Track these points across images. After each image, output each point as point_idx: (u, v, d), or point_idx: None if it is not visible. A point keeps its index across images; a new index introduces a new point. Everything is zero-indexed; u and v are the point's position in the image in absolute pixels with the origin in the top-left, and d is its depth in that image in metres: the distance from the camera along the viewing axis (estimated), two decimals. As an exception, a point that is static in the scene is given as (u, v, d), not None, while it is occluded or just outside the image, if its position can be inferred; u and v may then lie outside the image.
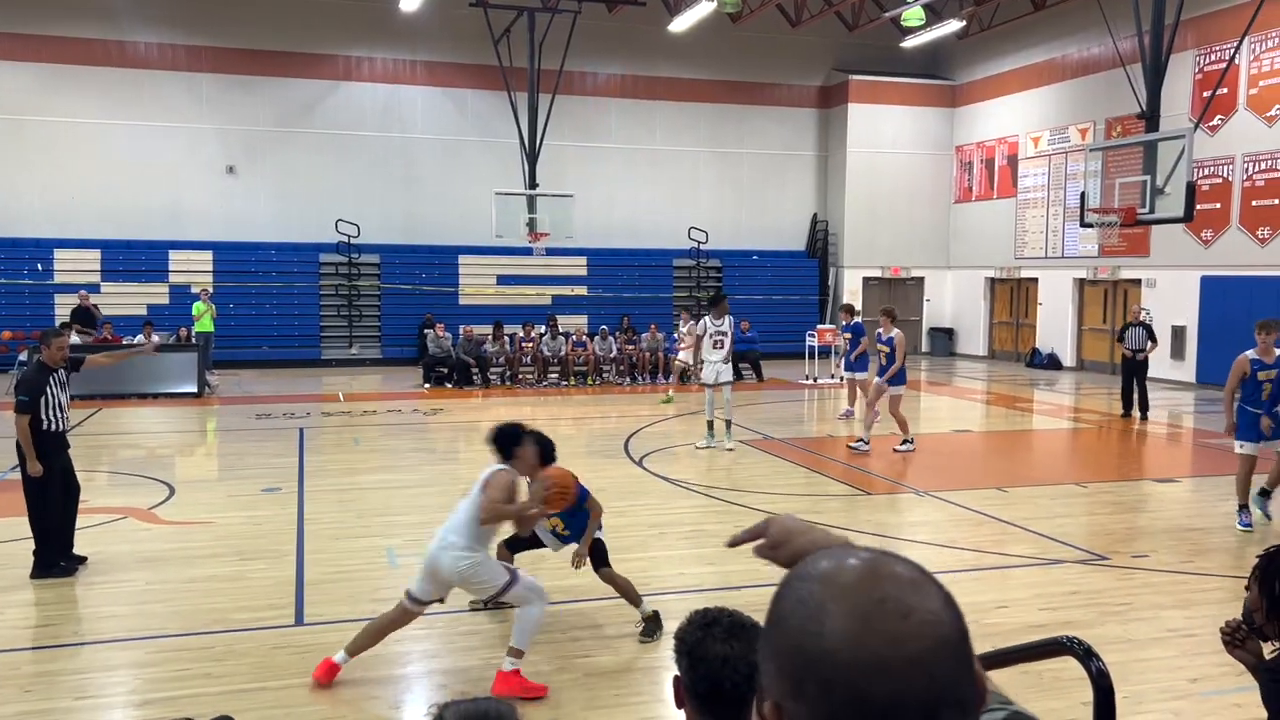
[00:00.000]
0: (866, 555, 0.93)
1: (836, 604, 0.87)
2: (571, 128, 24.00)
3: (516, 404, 17.57)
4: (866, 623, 0.85)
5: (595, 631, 6.08)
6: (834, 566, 0.92)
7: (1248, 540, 8.33)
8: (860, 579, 0.89)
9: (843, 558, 0.93)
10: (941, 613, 0.87)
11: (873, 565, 0.91)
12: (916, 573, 0.91)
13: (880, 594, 0.87)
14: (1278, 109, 17.89)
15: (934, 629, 0.86)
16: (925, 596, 0.88)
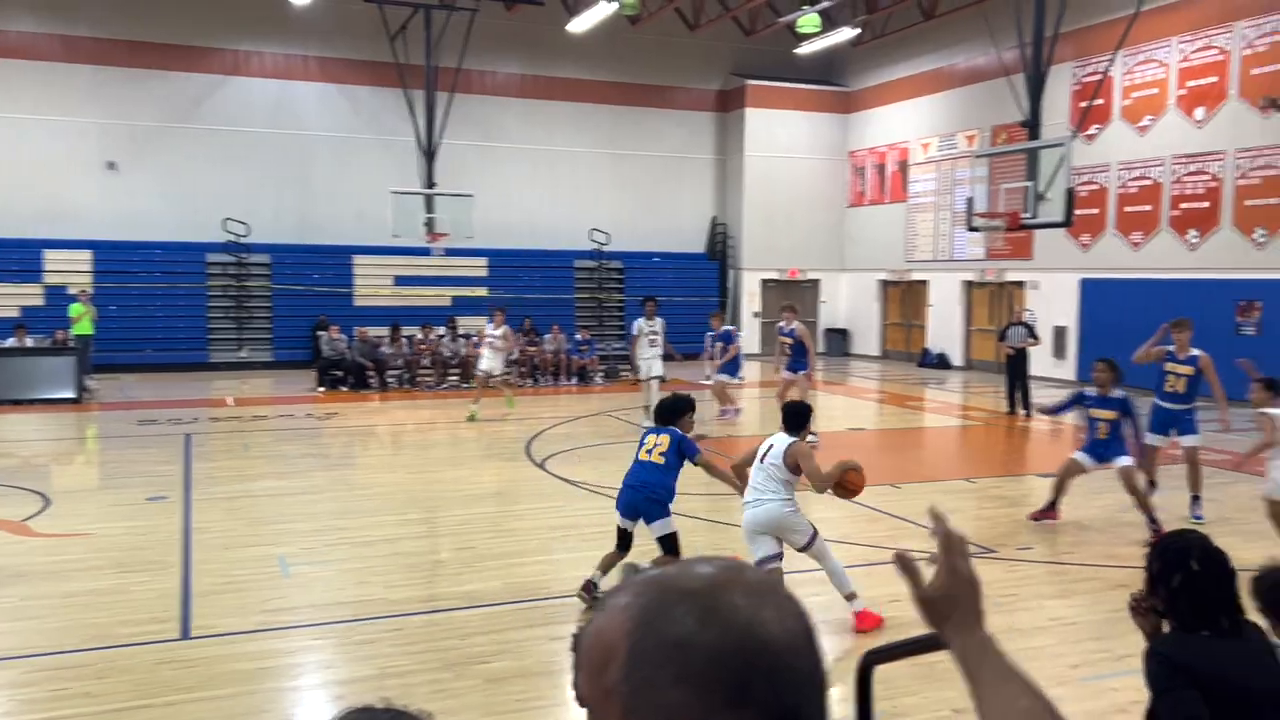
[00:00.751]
0: (721, 566, 0.92)
1: (740, 600, 0.86)
2: (470, 127, 23.75)
3: (415, 407, 17.30)
4: (778, 612, 0.87)
5: (495, 636, 6.02)
6: (678, 577, 0.90)
7: (1124, 532, 8.72)
8: (711, 575, 0.90)
9: (690, 569, 0.91)
10: (798, 605, 0.92)
11: (725, 570, 0.91)
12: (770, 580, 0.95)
13: (731, 576, 0.89)
14: (1149, 119, 18.80)
15: (797, 604, 0.91)
16: (782, 588, 0.92)
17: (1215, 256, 17.50)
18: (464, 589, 6.96)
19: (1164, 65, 18.48)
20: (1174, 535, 3.27)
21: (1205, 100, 17.71)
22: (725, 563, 0.91)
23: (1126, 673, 5.21)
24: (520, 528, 8.72)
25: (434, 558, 8.00)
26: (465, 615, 6.40)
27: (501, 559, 7.71)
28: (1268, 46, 16.61)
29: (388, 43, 21.14)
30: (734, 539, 8.46)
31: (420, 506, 9.57)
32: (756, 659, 0.82)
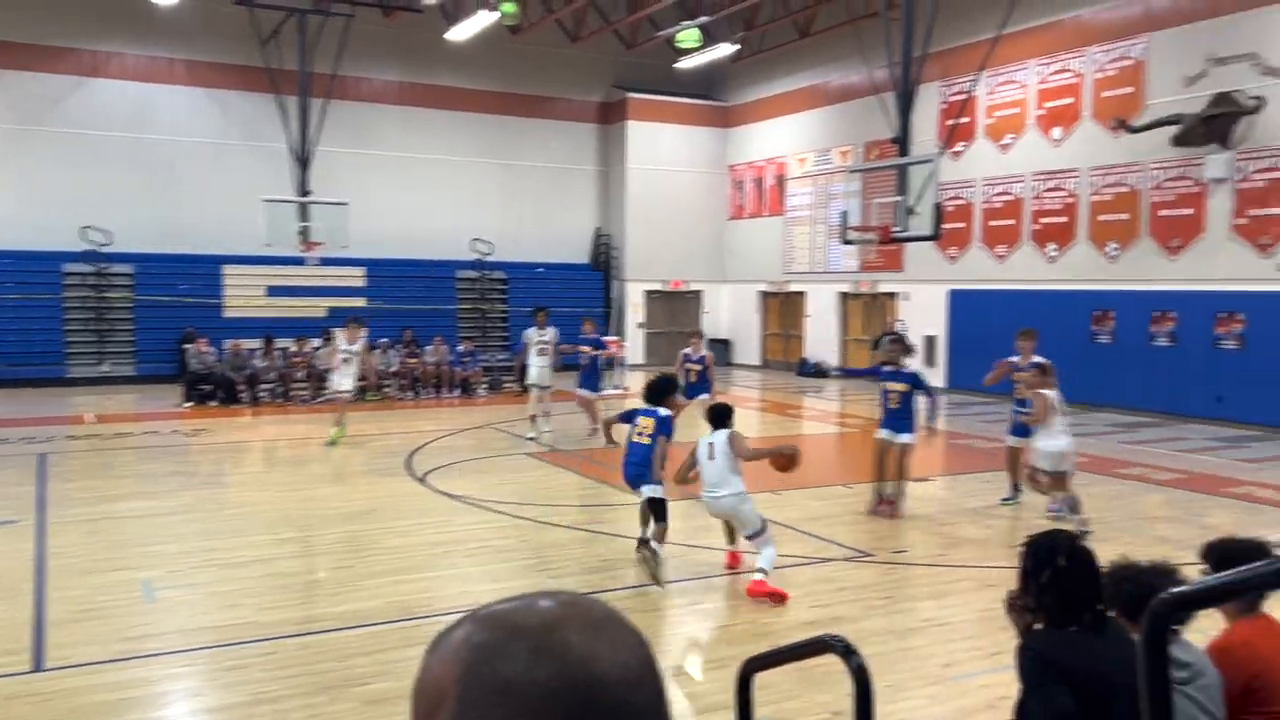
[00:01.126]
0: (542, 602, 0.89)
1: (574, 637, 0.84)
2: (346, 134, 23.22)
3: (289, 422, 16.76)
4: (612, 647, 0.85)
5: (376, 657, 5.86)
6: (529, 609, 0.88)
7: (994, 533, 9.08)
8: (543, 611, 0.87)
9: (528, 605, 0.89)
10: (639, 637, 0.87)
11: (560, 604, 0.88)
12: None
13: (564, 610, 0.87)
14: (1010, 138, 19.71)
15: (636, 636, 0.87)
16: (618, 618, 0.88)
17: (1072, 269, 18.44)
18: (341, 609, 6.76)
19: (1024, 86, 19.42)
20: (1044, 535, 3.42)
21: (1062, 120, 18.67)
22: (565, 598, 0.88)
23: (996, 670, 5.42)
24: (401, 545, 8.53)
25: (309, 578, 7.75)
26: (343, 636, 6.22)
27: (381, 577, 7.52)
28: (1117, 71, 17.63)
29: (259, 47, 20.50)
30: (619, 550, 8.46)
31: (295, 525, 9.26)
32: (589, 696, 0.80)
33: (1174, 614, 1.52)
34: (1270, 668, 3.52)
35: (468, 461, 12.53)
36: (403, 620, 6.50)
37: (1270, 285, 15.27)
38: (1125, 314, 17.36)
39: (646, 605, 6.89)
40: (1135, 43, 17.27)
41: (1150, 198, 17.08)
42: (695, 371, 13.71)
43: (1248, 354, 15.55)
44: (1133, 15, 17.32)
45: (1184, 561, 7.16)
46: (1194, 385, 16.25)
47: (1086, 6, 18.09)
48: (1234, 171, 15.74)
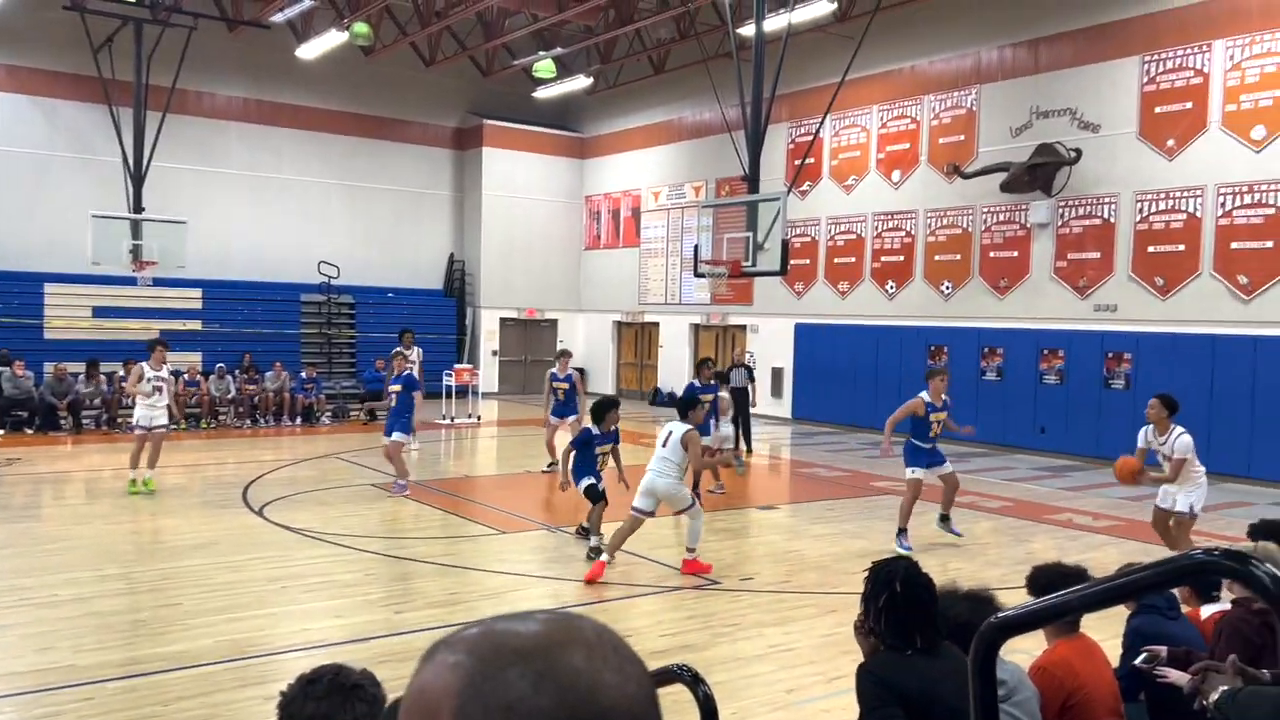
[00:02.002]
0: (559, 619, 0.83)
1: (579, 662, 0.78)
2: (185, 149, 22.22)
3: (115, 450, 15.79)
4: (619, 675, 0.79)
5: (203, 699, 5.54)
6: (526, 630, 0.82)
7: (837, 560, 9.35)
8: (537, 632, 0.80)
9: (522, 624, 0.82)
10: (634, 653, 0.81)
11: (554, 625, 0.82)
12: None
13: (565, 630, 0.81)
14: (853, 179, 20.57)
15: (640, 665, 0.81)
16: (619, 640, 0.82)
17: (909, 306, 19.34)
18: (168, 650, 6.38)
19: (866, 130, 20.33)
20: (884, 561, 3.54)
21: (901, 164, 19.63)
22: (559, 617, 0.82)
23: (837, 694, 5.56)
24: (234, 580, 8.13)
25: (134, 617, 7.28)
26: (169, 678, 5.86)
27: (212, 615, 7.14)
28: (951, 119, 18.68)
29: (91, 55, 19.43)
30: (469, 583, 8.30)
31: (119, 561, 8.70)
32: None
33: (1001, 637, 1.59)
34: (1087, 685, 3.73)
35: (309, 493, 12.07)
36: (235, 660, 6.18)
37: (1087, 324, 16.39)
38: (958, 350, 18.29)
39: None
40: (967, 93, 18.36)
41: (981, 240, 18.12)
42: (563, 390, 14.16)
43: (1068, 389, 16.63)
44: (964, 68, 18.41)
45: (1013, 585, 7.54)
46: (1020, 418, 17.24)
47: (924, 57, 19.13)
48: (1056, 217, 16.88)
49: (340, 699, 2.36)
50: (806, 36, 18.80)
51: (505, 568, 8.81)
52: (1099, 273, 16.31)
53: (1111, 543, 10.25)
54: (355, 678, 2.43)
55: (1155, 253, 15.54)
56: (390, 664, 6.14)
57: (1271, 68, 14.26)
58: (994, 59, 17.92)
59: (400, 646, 6.53)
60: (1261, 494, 13.40)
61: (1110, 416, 15.98)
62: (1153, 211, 15.58)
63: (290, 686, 2.42)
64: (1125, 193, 15.91)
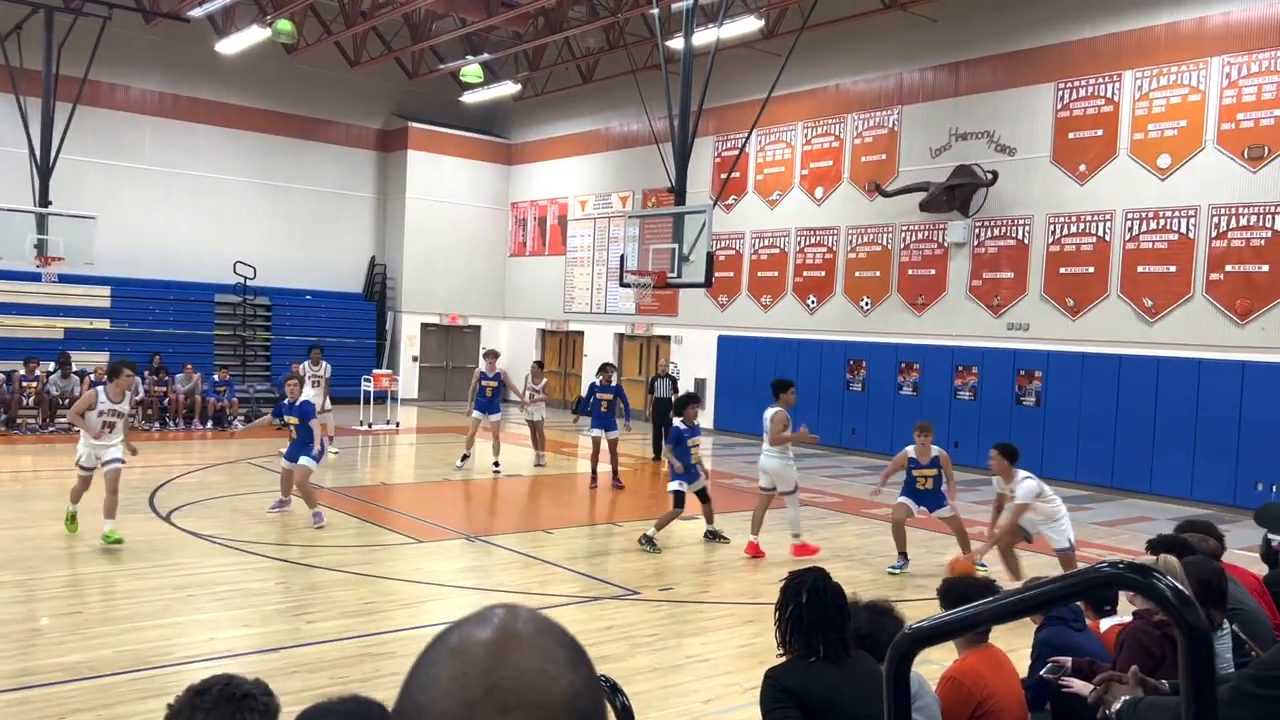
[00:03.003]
0: (502, 624, 0.86)
1: (449, 681, 0.82)
2: (96, 142, 21.50)
3: (14, 452, 15.18)
4: (469, 710, 0.80)
5: (102, 712, 5.33)
6: (463, 638, 0.85)
7: (755, 570, 9.42)
8: (483, 655, 0.83)
9: (478, 626, 0.86)
10: (554, 711, 0.82)
11: (501, 639, 0.84)
12: (550, 654, 0.85)
13: (492, 680, 0.81)
14: (778, 194, 20.84)
15: None
16: (544, 688, 0.82)
17: (830, 320, 19.64)
18: (66, 660, 6.13)
19: (790, 147, 20.62)
20: (796, 572, 3.60)
21: (824, 181, 19.95)
22: (502, 634, 0.86)
23: (753, 704, 5.58)
24: (138, 588, 7.86)
25: (29, 626, 6.99)
26: (67, 690, 5.63)
27: (114, 624, 6.89)
28: (874, 138, 19.05)
29: (-2, 41, 18.72)
30: (383, 592, 8.16)
31: (16, 567, 8.34)
32: None
33: (914, 647, 1.62)
34: (995, 694, 3.82)
35: (220, 499, 11.75)
36: (136, 671, 5.97)
37: (999, 343, 16.84)
38: (876, 364, 18.63)
39: (409, 649, 6.65)
40: (890, 113, 18.75)
41: (900, 257, 18.50)
42: (490, 389, 14.80)
43: (980, 404, 17.05)
44: (887, 88, 18.81)
45: (924, 597, 7.68)
46: (935, 432, 17.57)
47: (848, 76, 19.49)
48: (972, 237, 17.32)
49: (230, 709, 2.29)
50: (734, 52, 19.01)
51: (422, 577, 8.69)
52: (1012, 292, 16.78)
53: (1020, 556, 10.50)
54: (246, 687, 2.37)
55: (1066, 274, 16.05)
56: (300, 674, 6.00)
57: (1177, 99, 14.87)
58: (916, 80, 18.34)
59: (311, 656, 6.38)
60: (1162, 509, 13.91)
61: (1021, 433, 16.41)
62: (1064, 234, 16.10)
63: (178, 698, 2.35)
64: (1039, 215, 16.41)
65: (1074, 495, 14.97)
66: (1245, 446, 13.83)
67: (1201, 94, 14.57)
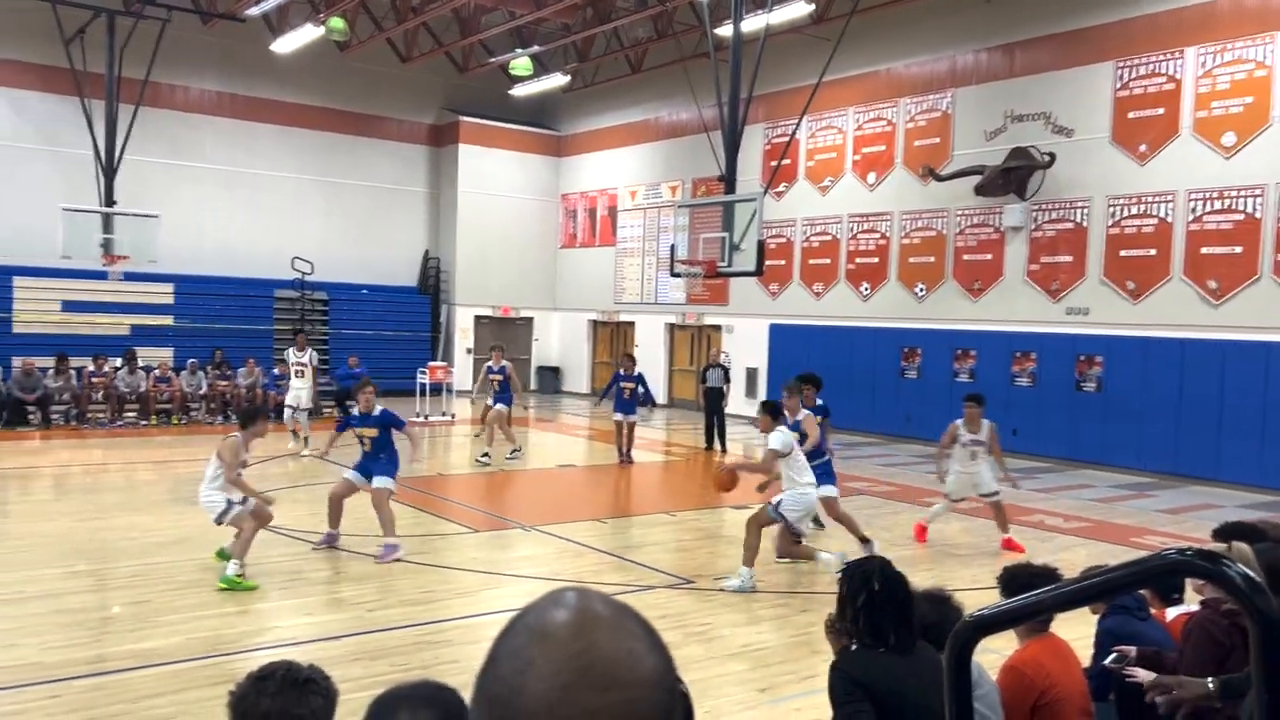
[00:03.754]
0: (580, 606, 0.88)
1: (543, 663, 0.84)
2: (158, 143, 21.98)
3: (84, 446, 15.62)
4: (566, 691, 0.82)
5: (172, 698, 5.48)
6: (545, 621, 0.87)
7: (808, 563, 9.37)
8: (569, 637, 0.85)
9: (555, 609, 0.88)
10: (647, 689, 0.85)
11: (583, 621, 0.87)
12: (633, 633, 0.87)
13: (586, 661, 0.84)
14: (829, 180, 20.65)
15: (631, 710, 0.83)
16: (634, 667, 0.85)
17: (883, 307, 19.44)
18: (137, 647, 6.31)
19: (842, 132, 20.42)
20: (861, 560, 3.58)
21: (876, 166, 19.73)
22: (581, 614, 0.89)
23: (810, 693, 5.58)
24: (205, 578, 8.05)
25: (102, 614, 7.20)
26: (138, 676, 5.79)
27: (183, 612, 7.07)
28: (926, 122, 18.79)
29: (62, 46, 19.19)
30: (442, 580, 8.26)
31: (88, 557, 8.60)
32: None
33: (976, 636, 1.60)
34: (1057, 684, 3.77)
35: (282, 490, 11.97)
36: (204, 658, 6.13)
37: (1058, 328, 16.54)
38: (931, 351, 18.40)
39: (467, 637, 6.74)
40: (943, 96, 18.47)
41: (955, 242, 18.24)
42: (497, 382, 14.86)
43: (1039, 391, 16.77)
44: (940, 71, 18.53)
45: (984, 586, 7.59)
46: (993, 419, 17.32)
47: (900, 59, 19.23)
48: (1029, 221, 17.01)
49: (295, 694, 2.35)
50: (784, 38, 18.86)
51: (479, 565, 8.78)
52: (1071, 276, 16.46)
53: (1081, 544, 10.35)
54: (307, 672, 2.43)
55: (1127, 257, 15.71)
56: (362, 661, 6.11)
57: (1241, 75, 14.44)
58: (969, 62, 18.04)
59: (372, 644, 6.49)
60: (1229, 496, 13.58)
61: (1082, 419, 16.14)
62: (1124, 216, 15.75)
63: (240, 685, 2.40)
64: (1098, 197, 16.07)
65: (1137, 482, 14.69)
66: (1316, 431, 13.44)
67: (1268, 69, 14.14)
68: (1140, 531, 11.08)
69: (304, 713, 2.32)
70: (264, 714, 2.31)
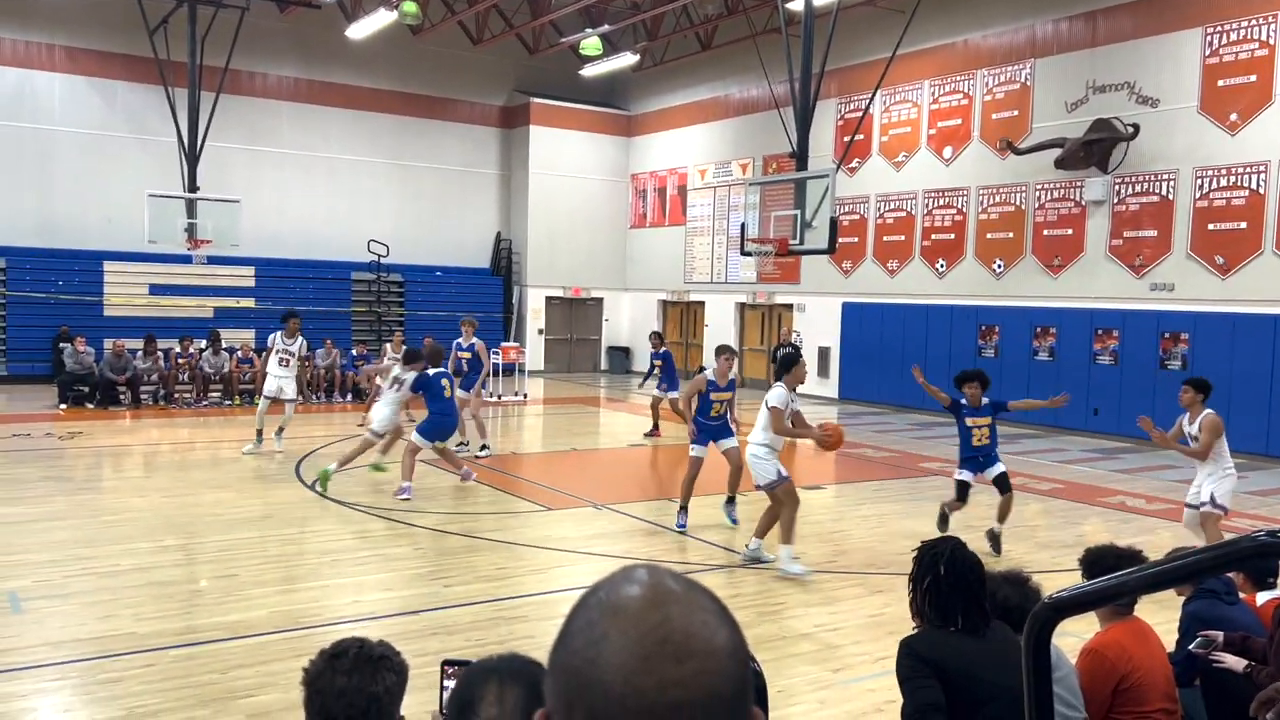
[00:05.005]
0: (652, 582, 0.90)
1: (618, 636, 0.85)
2: (238, 129, 22.52)
3: (171, 425, 16.16)
4: (645, 662, 0.84)
5: (259, 669, 5.67)
6: (618, 596, 0.89)
7: (883, 540, 9.30)
8: (643, 611, 0.87)
9: (627, 584, 0.90)
10: (723, 660, 0.86)
11: (656, 596, 0.88)
12: (705, 607, 0.89)
13: (663, 633, 0.85)
14: (904, 155, 20.29)
15: (708, 680, 0.84)
16: (709, 639, 0.86)
17: (960, 284, 19.07)
18: (225, 619, 6.53)
19: (917, 106, 20.02)
20: (932, 541, 3.55)
21: (952, 140, 19.31)
22: (655, 588, 0.90)
23: (882, 674, 5.54)
24: (288, 553, 8.29)
25: (191, 587, 7.47)
26: (226, 647, 6.00)
27: (267, 586, 7.29)
28: (1005, 94, 18.32)
29: (146, 36, 19.74)
30: (517, 557, 8.38)
31: (177, 532, 8.92)
32: (586, 693, 0.85)
33: (1055, 617, 1.58)
34: (1140, 667, 3.69)
35: (360, 469, 12.25)
36: (289, 630, 6.31)
37: (1142, 304, 16.06)
38: (1009, 329, 18.02)
39: (541, 613, 6.83)
40: (1022, 68, 17.99)
41: (1034, 218, 17.79)
42: (466, 360, 13.33)
43: (1122, 369, 16.32)
44: (1019, 41, 18.04)
45: (1064, 568, 7.45)
46: (1073, 399, 16.91)
47: (977, 30, 18.77)
48: (1111, 195, 16.52)
49: (370, 670, 2.39)
50: (856, 11, 18.53)
51: (552, 543, 8.89)
52: (1156, 251, 15.96)
53: (1165, 526, 10.09)
54: (380, 649, 2.47)
55: (1215, 231, 15.16)
56: (439, 636, 6.24)
57: (1341, 39, 13.79)
58: (1049, 32, 17.53)
59: (449, 619, 6.62)
60: (1323, 478, 13.08)
61: (1166, 398, 15.59)
62: (1213, 188, 15.19)
63: (313, 662, 2.44)
64: (1184, 169, 15.52)
65: (1225, 464, 14.22)
66: None
67: (1370, 31, 13.48)
68: (1227, 514, 10.72)
69: (378, 690, 2.37)
70: (339, 691, 2.35)
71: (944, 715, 3.14)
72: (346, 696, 2.35)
